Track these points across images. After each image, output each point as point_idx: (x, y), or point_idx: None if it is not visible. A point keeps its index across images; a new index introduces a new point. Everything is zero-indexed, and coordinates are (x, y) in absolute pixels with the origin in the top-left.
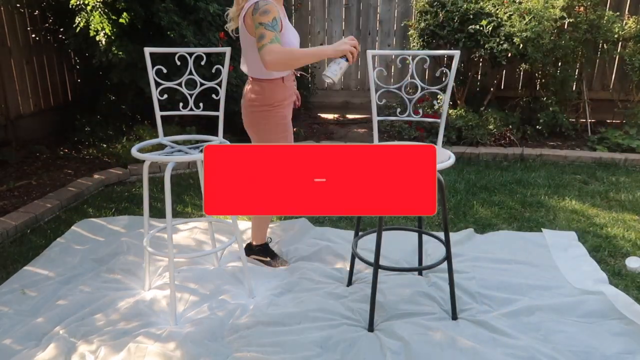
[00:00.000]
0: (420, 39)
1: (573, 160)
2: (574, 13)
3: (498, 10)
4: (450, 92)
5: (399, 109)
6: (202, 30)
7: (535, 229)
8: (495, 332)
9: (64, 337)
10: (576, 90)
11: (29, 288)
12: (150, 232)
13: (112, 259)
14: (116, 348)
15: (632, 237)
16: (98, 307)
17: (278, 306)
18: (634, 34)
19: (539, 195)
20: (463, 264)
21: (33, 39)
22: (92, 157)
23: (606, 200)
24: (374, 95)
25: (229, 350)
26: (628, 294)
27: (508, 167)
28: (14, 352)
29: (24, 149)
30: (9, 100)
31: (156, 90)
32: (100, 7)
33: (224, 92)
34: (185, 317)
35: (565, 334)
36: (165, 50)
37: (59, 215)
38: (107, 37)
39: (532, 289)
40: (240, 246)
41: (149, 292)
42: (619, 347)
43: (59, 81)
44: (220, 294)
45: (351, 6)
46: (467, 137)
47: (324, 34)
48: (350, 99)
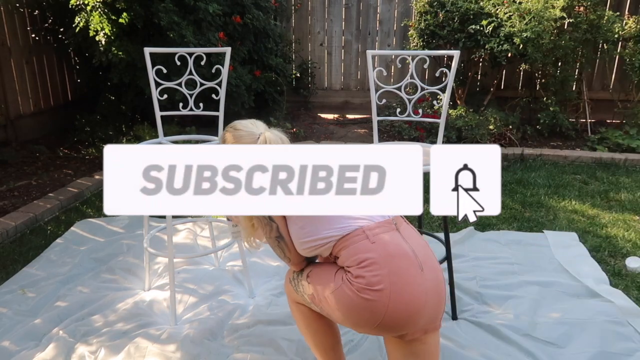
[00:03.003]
0: (420, 39)
1: (573, 160)
2: (574, 13)
3: (498, 10)
4: (450, 92)
5: (399, 109)
6: (202, 30)
7: (535, 229)
8: (495, 333)
9: (63, 337)
10: (576, 90)
11: (29, 288)
12: (150, 232)
13: (111, 259)
14: (116, 348)
15: (632, 237)
16: (98, 308)
17: (278, 306)
18: (634, 34)
19: (539, 195)
20: (463, 264)
21: (33, 39)
22: (92, 157)
23: (606, 200)
24: (374, 95)
25: (228, 350)
26: (628, 294)
27: (508, 167)
28: (13, 352)
29: (24, 149)
30: (9, 100)
31: (156, 90)
32: (100, 7)
33: (224, 92)
34: (185, 318)
35: (567, 334)
36: (165, 50)
37: (59, 216)
38: (107, 37)
39: (533, 289)
40: (240, 246)
41: (148, 292)
42: (621, 348)
43: (59, 81)
44: (220, 294)
45: (351, 6)
46: (467, 137)
47: (324, 34)
48: (350, 99)
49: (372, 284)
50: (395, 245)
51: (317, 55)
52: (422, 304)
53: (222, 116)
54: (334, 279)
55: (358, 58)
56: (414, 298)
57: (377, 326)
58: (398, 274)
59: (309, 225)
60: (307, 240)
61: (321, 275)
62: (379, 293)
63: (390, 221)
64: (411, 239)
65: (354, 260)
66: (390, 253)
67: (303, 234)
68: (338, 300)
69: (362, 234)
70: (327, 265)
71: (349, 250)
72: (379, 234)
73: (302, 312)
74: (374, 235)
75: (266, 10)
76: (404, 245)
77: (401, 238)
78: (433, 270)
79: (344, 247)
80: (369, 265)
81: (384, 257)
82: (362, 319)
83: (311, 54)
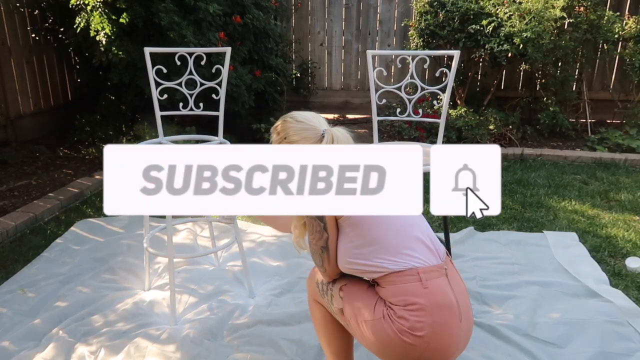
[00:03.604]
0: (420, 39)
1: (573, 160)
2: (574, 13)
3: (498, 10)
4: (450, 92)
5: (399, 109)
6: (202, 30)
7: (535, 229)
8: (495, 333)
9: (63, 337)
10: (576, 90)
11: (29, 288)
12: (150, 232)
13: (111, 259)
14: (116, 348)
15: (632, 237)
16: (98, 308)
17: (278, 306)
18: (634, 34)
19: (539, 196)
20: (463, 264)
21: (33, 38)
22: (92, 157)
23: (606, 201)
24: (374, 95)
25: (229, 350)
26: (628, 294)
27: (508, 167)
28: (13, 352)
29: (24, 149)
30: (9, 100)
31: (156, 90)
32: (100, 7)
33: (224, 92)
34: (185, 318)
35: (567, 334)
36: (165, 50)
37: (59, 216)
38: (107, 37)
39: (533, 289)
40: (240, 246)
41: (148, 292)
42: (621, 348)
43: (59, 81)
44: (220, 294)
45: (351, 6)
46: (467, 137)
47: (324, 34)
48: (350, 99)
49: (415, 329)
50: (444, 295)
51: (317, 55)
52: (454, 351)
53: (222, 116)
54: (373, 310)
55: (358, 58)
56: (449, 347)
57: None
58: (441, 325)
59: (364, 247)
60: (356, 262)
61: (359, 297)
62: (419, 339)
63: (442, 265)
64: (456, 287)
65: (402, 301)
66: (438, 303)
67: (354, 255)
68: (374, 332)
69: (416, 276)
70: (365, 288)
71: (397, 287)
72: (432, 279)
73: (322, 312)
74: (427, 280)
75: (266, 10)
76: (451, 295)
77: (449, 286)
78: (468, 320)
79: (393, 283)
80: (415, 310)
81: (431, 306)
82: (392, 355)
83: (311, 54)
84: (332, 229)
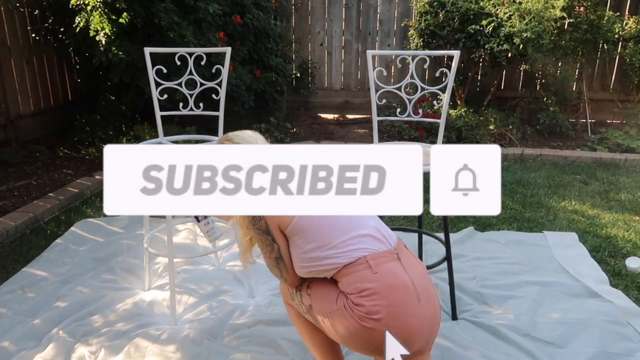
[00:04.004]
0: (420, 39)
1: (573, 160)
2: (574, 13)
3: (498, 10)
4: (450, 92)
5: (399, 109)
6: (202, 30)
7: (535, 230)
8: (495, 333)
9: (63, 337)
10: (576, 90)
11: (29, 288)
12: (150, 232)
13: (111, 259)
14: (116, 348)
15: (632, 237)
16: (98, 308)
17: (278, 306)
18: (634, 34)
19: (539, 196)
20: (463, 264)
21: (33, 38)
22: (92, 157)
23: (606, 200)
24: (374, 95)
25: (228, 350)
26: (628, 294)
27: (508, 167)
28: (13, 352)
29: (24, 149)
30: (9, 100)
31: (156, 90)
32: (100, 7)
33: (224, 92)
34: (185, 318)
35: (567, 334)
36: (165, 50)
37: (59, 216)
38: (107, 37)
39: (533, 289)
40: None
41: (148, 292)
42: (621, 348)
43: (59, 81)
44: (220, 294)
45: (351, 6)
46: (467, 137)
47: (324, 34)
48: (350, 99)
49: (371, 313)
50: (395, 277)
51: (317, 55)
52: (416, 332)
53: (222, 116)
54: (335, 302)
55: (358, 58)
56: (409, 327)
57: (372, 350)
58: (396, 306)
59: (314, 251)
60: (310, 265)
61: (323, 292)
62: (377, 322)
63: (393, 251)
64: (411, 269)
65: (355, 289)
66: (390, 285)
67: (306, 259)
68: (339, 323)
69: (365, 264)
70: (328, 285)
71: (350, 277)
72: (381, 264)
73: (297, 314)
74: (376, 265)
75: (266, 10)
76: (404, 277)
77: (402, 268)
78: (430, 301)
79: (346, 275)
80: (369, 295)
81: (384, 289)
82: (358, 343)
83: (311, 54)
84: (280, 239)
